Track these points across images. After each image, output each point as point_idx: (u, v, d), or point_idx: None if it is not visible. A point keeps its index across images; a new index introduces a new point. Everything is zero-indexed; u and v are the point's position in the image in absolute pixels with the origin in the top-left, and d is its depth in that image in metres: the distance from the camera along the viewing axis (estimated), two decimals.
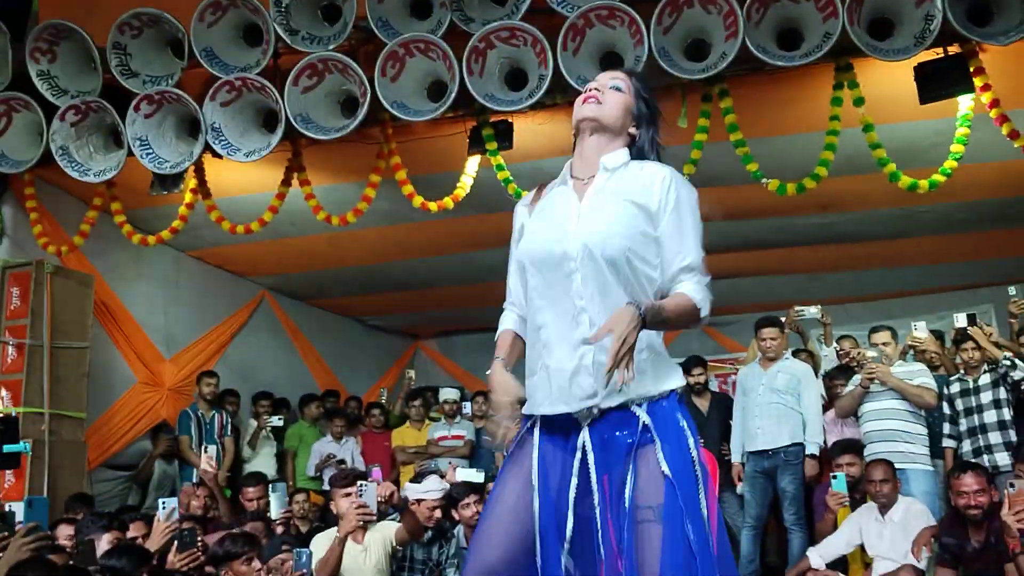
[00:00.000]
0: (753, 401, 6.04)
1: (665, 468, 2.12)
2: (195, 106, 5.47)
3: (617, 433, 2.18)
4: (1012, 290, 6.44)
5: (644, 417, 2.17)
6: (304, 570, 4.29)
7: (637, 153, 2.37)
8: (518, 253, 2.40)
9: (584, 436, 2.21)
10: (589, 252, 2.21)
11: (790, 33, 5.03)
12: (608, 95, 2.34)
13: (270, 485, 5.51)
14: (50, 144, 5.71)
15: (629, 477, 2.14)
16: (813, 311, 6.98)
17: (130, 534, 4.62)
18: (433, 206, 5.76)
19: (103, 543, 4.33)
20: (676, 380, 2.27)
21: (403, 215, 6.64)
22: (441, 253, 8.40)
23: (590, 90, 2.35)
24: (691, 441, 2.19)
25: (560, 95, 5.07)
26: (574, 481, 2.20)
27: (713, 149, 5.33)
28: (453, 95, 5.15)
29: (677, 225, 2.26)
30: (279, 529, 4.97)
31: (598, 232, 2.23)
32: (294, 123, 5.35)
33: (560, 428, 2.26)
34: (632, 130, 2.35)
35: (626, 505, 2.12)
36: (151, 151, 5.63)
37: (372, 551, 4.74)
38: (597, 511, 2.17)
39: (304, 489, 7.05)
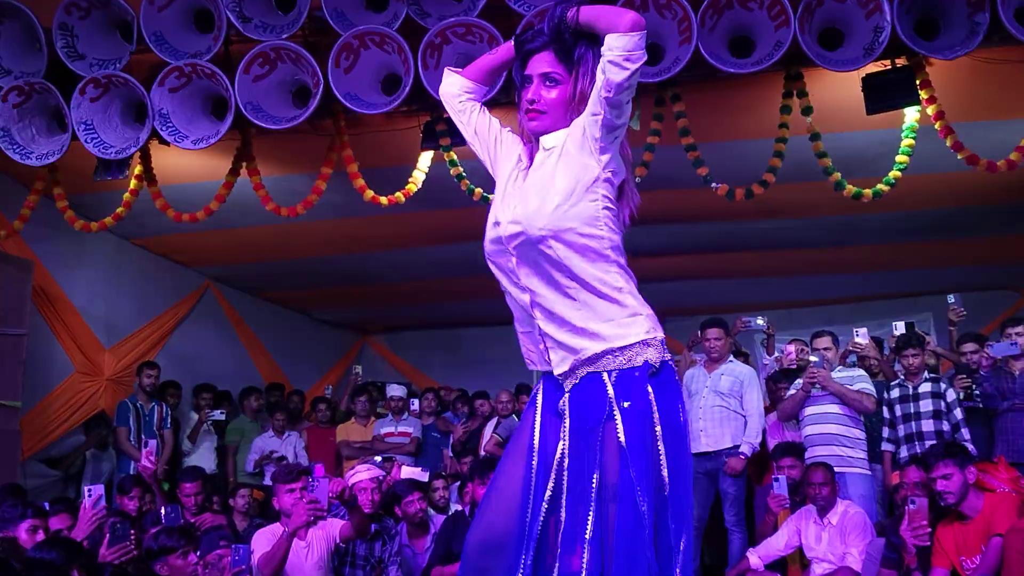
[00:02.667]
0: (697, 403, 6.10)
1: (622, 439, 2.14)
2: (143, 91, 5.35)
3: (589, 401, 2.22)
4: (951, 298, 6.58)
5: (610, 389, 2.19)
6: (243, 566, 4.24)
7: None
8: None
9: (564, 400, 2.27)
10: (524, 239, 2.24)
11: (743, 40, 5.09)
12: (545, 100, 2.30)
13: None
14: None
15: (597, 455, 2.17)
16: (760, 322, 7.09)
17: (55, 526, 4.52)
18: (384, 200, 5.73)
19: (21, 531, 4.23)
20: (651, 352, 2.22)
21: (353, 208, 6.59)
22: (391, 248, 8.36)
23: (529, 103, 2.31)
24: (655, 415, 2.17)
25: (516, 93, 5.08)
26: (561, 445, 2.24)
27: (665, 152, 5.37)
28: (407, 89, 5.12)
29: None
30: None
31: (527, 213, 2.24)
32: (244, 111, 5.27)
33: (556, 392, 2.32)
34: (576, 110, 2.31)
35: (593, 486, 2.14)
36: (96, 135, 5.50)
37: (315, 548, 4.70)
38: (566, 476, 2.20)
39: (246, 485, 6.96)
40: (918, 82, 5.01)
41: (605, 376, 2.21)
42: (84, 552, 3.88)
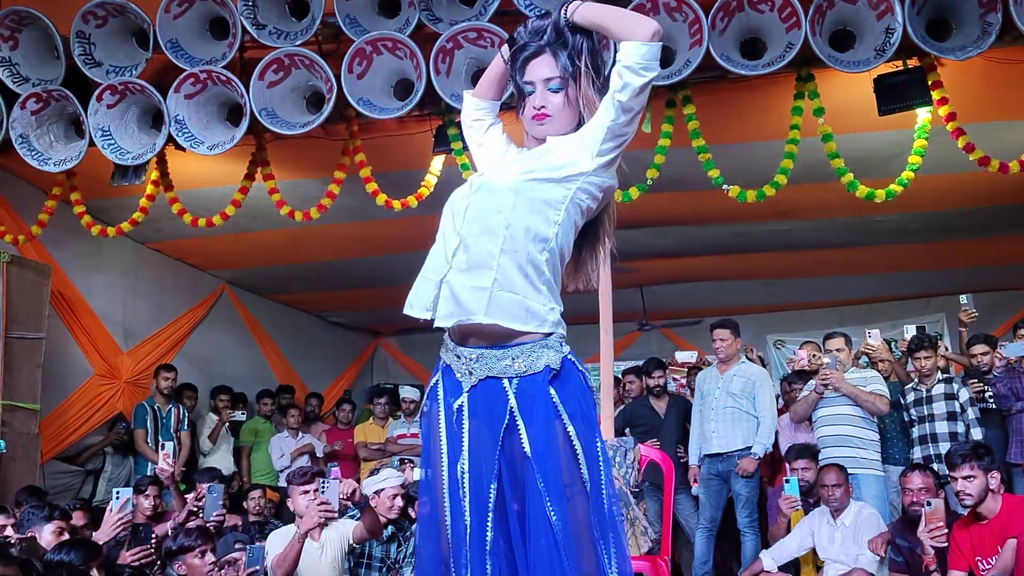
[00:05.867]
0: (709, 404, 6.11)
1: (527, 449, 2.10)
2: (159, 97, 5.41)
3: (489, 407, 2.17)
4: (964, 299, 6.52)
5: (512, 399, 2.14)
6: (257, 566, 4.27)
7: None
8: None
9: (463, 401, 2.21)
10: (486, 186, 2.24)
11: (753, 42, 5.10)
12: (552, 105, 2.28)
13: (207, 487, 5.30)
14: (10, 132, 5.62)
15: (496, 467, 2.13)
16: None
17: (72, 523, 4.57)
18: (397, 204, 5.76)
19: (45, 533, 4.28)
20: (550, 355, 2.16)
21: (366, 212, 6.64)
22: (403, 251, 8.38)
23: (537, 109, 2.29)
24: (563, 416, 2.12)
25: (516, 100, 5.10)
26: (465, 448, 2.19)
27: (676, 154, 5.39)
28: (419, 94, 5.16)
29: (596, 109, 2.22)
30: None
31: (496, 177, 2.26)
32: (259, 117, 5.32)
33: (454, 389, 2.25)
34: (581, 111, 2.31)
35: (491, 496, 2.12)
36: (113, 142, 5.56)
37: (328, 549, 4.73)
38: (467, 482, 2.16)
39: (259, 485, 7.02)
40: (930, 83, 5.00)
41: (506, 383, 2.15)
42: (103, 554, 3.93)
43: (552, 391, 2.14)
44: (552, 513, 2.05)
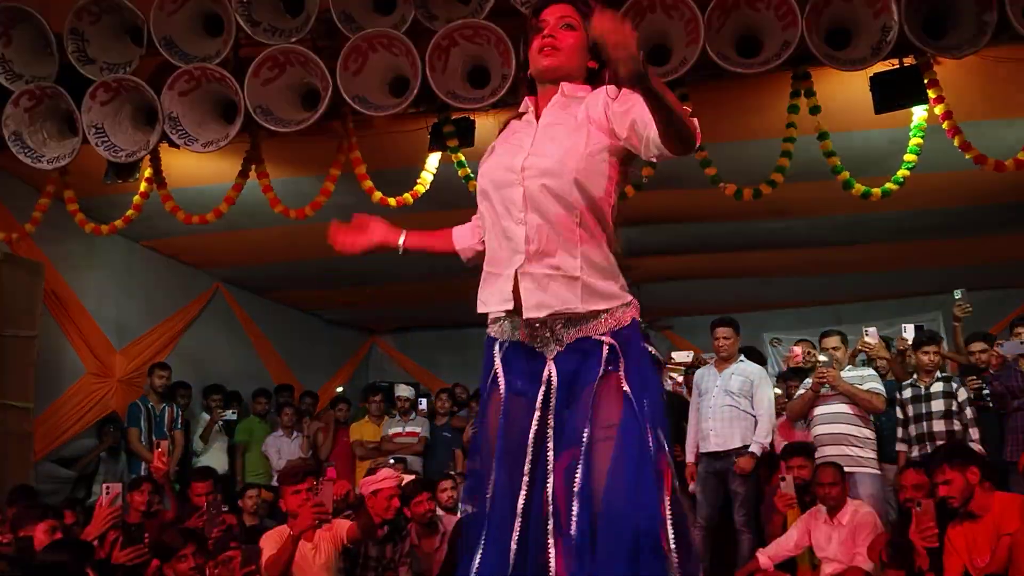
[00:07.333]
0: (707, 403, 6.09)
1: (626, 387, 2.12)
2: (153, 95, 5.39)
3: (581, 365, 2.18)
4: (958, 293, 6.48)
5: (606, 349, 2.16)
6: (253, 565, 4.26)
7: (597, 82, 2.31)
8: (479, 177, 2.39)
9: (550, 368, 2.20)
10: (535, 172, 2.21)
11: (750, 40, 5.09)
12: (562, 39, 2.27)
13: (205, 504, 5.24)
14: (3, 129, 5.59)
15: (589, 406, 2.12)
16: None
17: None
18: (392, 201, 5.74)
19: (38, 533, 4.26)
20: (634, 310, 2.23)
21: (362, 210, 6.53)
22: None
23: (544, 38, 2.27)
24: (654, 365, 2.19)
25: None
26: (535, 420, 2.18)
27: None
28: (415, 91, 5.14)
29: (630, 101, 2.17)
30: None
31: (545, 157, 2.22)
32: (253, 115, 5.30)
33: (525, 358, 2.25)
34: (590, 63, 2.31)
35: (584, 434, 2.10)
36: (106, 139, 5.53)
37: (322, 549, 4.71)
38: (551, 447, 2.15)
39: (255, 485, 6.99)
40: (926, 81, 5.00)
41: (598, 337, 2.18)
42: (95, 553, 3.91)
43: (643, 343, 2.21)
44: (652, 440, 2.08)
